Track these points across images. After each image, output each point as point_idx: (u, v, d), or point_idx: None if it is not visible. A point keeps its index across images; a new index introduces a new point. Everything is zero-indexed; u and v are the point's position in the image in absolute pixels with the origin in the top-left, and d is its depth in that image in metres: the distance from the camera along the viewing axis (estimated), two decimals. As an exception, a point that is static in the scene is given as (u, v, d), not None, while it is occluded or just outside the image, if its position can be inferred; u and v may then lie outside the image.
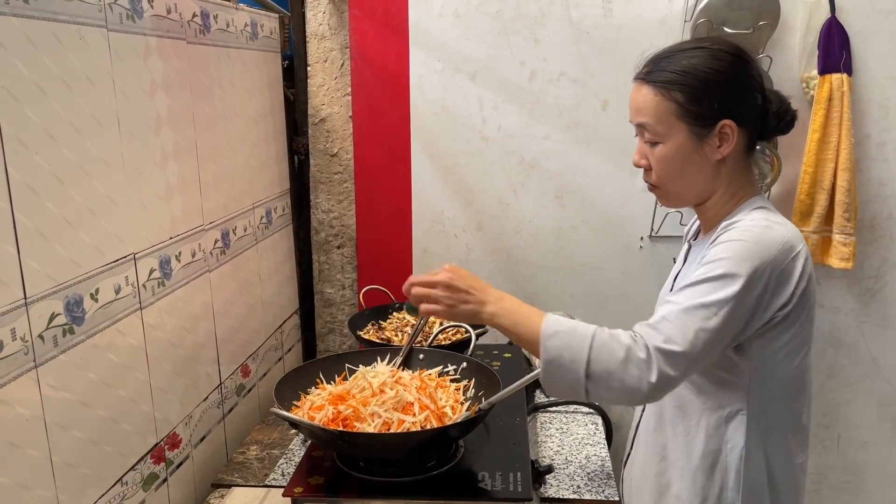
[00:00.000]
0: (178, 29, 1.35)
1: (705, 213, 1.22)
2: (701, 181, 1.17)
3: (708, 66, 1.11)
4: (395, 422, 1.23)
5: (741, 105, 1.12)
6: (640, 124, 1.16)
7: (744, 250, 1.05)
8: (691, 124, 1.12)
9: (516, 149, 1.97)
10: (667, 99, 1.12)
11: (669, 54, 1.15)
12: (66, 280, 1.02)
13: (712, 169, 1.15)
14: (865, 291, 1.94)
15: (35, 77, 0.95)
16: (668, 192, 1.20)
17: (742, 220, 1.12)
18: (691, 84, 1.11)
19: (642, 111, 1.15)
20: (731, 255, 1.05)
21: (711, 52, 1.13)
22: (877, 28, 1.79)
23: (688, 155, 1.14)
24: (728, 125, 1.11)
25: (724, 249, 1.07)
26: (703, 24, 1.73)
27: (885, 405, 2.00)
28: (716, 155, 1.13)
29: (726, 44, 1.15)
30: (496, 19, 1.90)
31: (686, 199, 1.21)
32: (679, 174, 1.16)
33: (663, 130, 1.13)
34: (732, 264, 1.05)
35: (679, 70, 1.12)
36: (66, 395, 1.02)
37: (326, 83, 2.02)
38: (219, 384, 1.54)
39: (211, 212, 1.49)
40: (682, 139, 1.13)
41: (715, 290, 1.04)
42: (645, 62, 1.18)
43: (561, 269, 2.03)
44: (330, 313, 2.17)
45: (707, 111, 1.11)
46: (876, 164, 1.87)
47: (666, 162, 1.15)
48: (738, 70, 1.12)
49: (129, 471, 1.19)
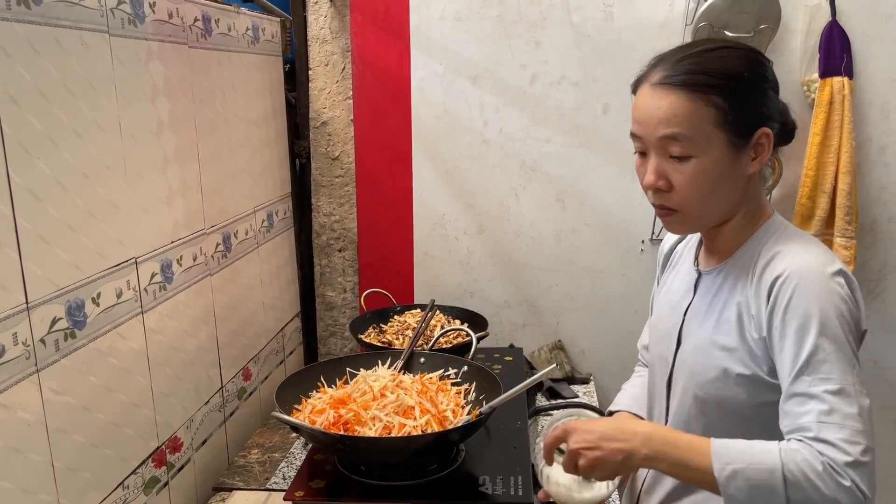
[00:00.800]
0: (179, 33, 1.35)
1: (719, 236, 1.09)
2: (731, 200, 1.05)
3: (744, 66, 1.01)
4: (396, 426, 1.23)
5: (773, 111, 1.04)
6: (668, 136, 1.00)
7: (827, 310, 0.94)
8: (731, 133, 1.00)
9: (517, 152, 1.97)
10: (707, 105, 0.99)
11: (695, 55, 1.03)
12: (68, 284, 1.02)
13: (743, 186, 1.04)
14: (866, 294, 1.94)
15: (37, 82, 0.95)
16: (691, 216, 1.05)
17: (783, 251, 1.00)
18: (734, 88, 0.99)
19: (671, 121, 1.00)
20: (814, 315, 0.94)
21: (741, 52, 1.03)
22: (877, 31, 1.79)
23: (725, 170, 1.01)
24: (765, 134, 1.01)
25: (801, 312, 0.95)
26: (704, 27, 1.73)
27: (886, 408, 1.99)
28: (750, 168, 1.03)
29: (744, 44, 1.06)
30: (497, 23, 1.91)
31: (709, 222, 1.08)
32: (710, 193, 1.02)
33: (700, 141, 0.99)
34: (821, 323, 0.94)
35: (716, 71, 1.00)
36: (68, 399, 1.02)
37: (328, 87, 2.03)
38: (220, 388, 1.54)
39: (212, 215, 1.50)
40: (719, 151, 1.00)
41: (836, 368, 0.93)
42: (658, 65, 1.05)
43: (562, 273, 2.03)
44: (331, 316, 2.17)
45: (749, 118, 1.00)
46: (877, 168, 1.87)
47: (701, 179, 1.01)
48: (768, 71, 1.04)
49: (130, 475, 1.19)
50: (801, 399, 0.94)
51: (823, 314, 0.94)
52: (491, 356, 1.84)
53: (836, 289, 0.96)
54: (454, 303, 1.97)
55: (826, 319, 0.94)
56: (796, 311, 0.95)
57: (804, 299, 0.95)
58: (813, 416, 0.92)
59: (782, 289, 0.97)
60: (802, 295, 0.95)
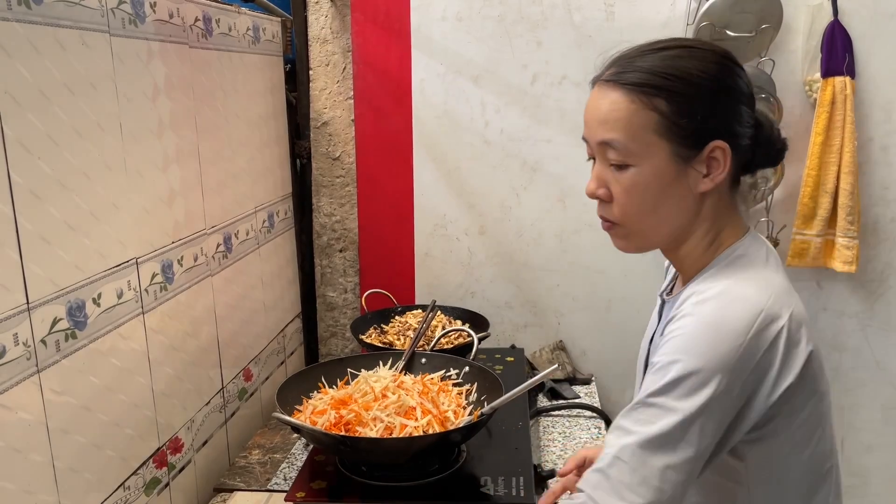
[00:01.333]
0: (180, 33, 1.35)
1: (680, 261, 0.99)
2: (677, 219, 0.93)
3: (700, 69, 0.89)
4: (398, 426, 1.23)
5: (737, 123, 0.91)
6: (606, 141, 0.91)
7: (700, 345, 0.83)
8: (675, 143, 0.88)
9: (518, 152, 1.97)
10: (646, 107, 0.88)
11: (646, 52, 0.92)
12: (69, 285, 1.02)
13: (693, 204, 0.92)
14: (869, 295, 1.94)
15: (38, 82, 0.95)
16: (632, 232, 0.96)
17: (705, 289, 0.88)
18: (681, 90, 0.88)
19: (609, 123, 0.91)
20: (686, 355, 0.83)
21: (703, 54, 0.91)
22: (880, 31, 1.79)
23: (667, 183, 0.90)
24: (720, 147, 0.89)
25: (676, 346, 0.85)
26: (706, 27, 1.73)
27: (889, 408, 1.99)
28: (701, 185, 0.91)
29: (715, 46, 0.94)
30: (498, 22, 1.90)
31: (653, 241, 0.98)
32: (651, 209, 0.92)
33: (638, 149, 0.89)
34: (690, 366, 0.82)
35: (663, 72, 0.88)
36: (69, 399, 1.02)
37: (328, 87, 2.02)
38: (221, 388, 1.54)
39: (213, 216, 1.49)
40: (661, 161, 0.89)
41: (672, 410, 0.83)
42: (615, 62, 0.95)
43: (563, 273, 2.02)
44: (332, 317, 2.17)
45: (697, 126, 0.88)
46: (879, 168, 1.86)
47: (638, 191, 0.91)
48: (733, 79, 0.91)
49: (131, 475, 1.19)
50: (617, 433, 0.89)
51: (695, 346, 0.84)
52: (492, 357, 1.84)
53: (737, 322, 0.83)
54: (455, 303, 1.97)
55: (697, 354, 0.83)
56: (671, 339, 0.86)
57: (684, 323, 0.86)
58: (609, 452, 0.87)
59: (680, 312, 0.89)
60: (685, 325, 0.86)
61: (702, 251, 0.96)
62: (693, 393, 0.82)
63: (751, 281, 0.89)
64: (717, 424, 0.84)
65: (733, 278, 0.89)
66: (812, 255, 1.84)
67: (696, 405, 0.82)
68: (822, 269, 1.88)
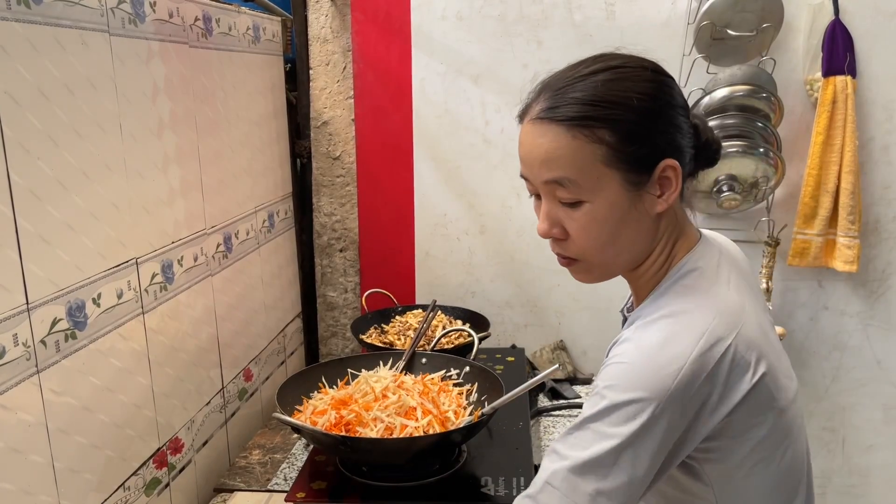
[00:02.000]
0: (180, 33, 1.35)
1: (638, 280, 0.96)
2: (637, 244, 0.91)
3: (636, 90, 0.85)
4: (398, 427, 1.23)
5: (679, 136, 0.88)
6: (552, 180, 0.87)
7: (637, 373, 0.81)
8: (625, 170, 0.85)
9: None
10: (591, 141, 0.84)
11: (574, 80, 0.88)
12: (69, 285, 1.01)
13: (651, 225, 0.90)
14: (870, 294, 1.94)
15: (38, 82, 0.95)
16: (594, 265, 0.93)
17: (649, 314, 0.87)
18: (621, 117, 0.84)
19: (552, 162, 0.86)
20: (623, 382, 0.81)
21: (633, 73, 0.87)
22: (881, 30, 1.78)
23: (623, 212, 0.87)
24: (670, 166, 0.86)
25: (614, 373, 0.83)
26: (707, 26, 1.73)
27: (890, 408, 1.99)
28: (657, 206, 0.88)
29: (642, 60, 0.90)
30: (499, 22, 1.90)
31: (615, 270, 0.95)
32: (610, 240, 0.89)
33: (588, 184, 0.85)
34: (626, 394, 0.81)
35: (600, 100, 0.85)
36: (69, 400, 1.02)
37: (329, 86, 2.02)
38: (221, 388, 1.54)
39: (213, 216, 1.49)
40: (614, 192, 0.86)
41: (605, 436, 0.81)
42: (541, 93, 0.90)
43: (564, 273, 1.99)
44: (332, 317, 2.16)
45: (646, 151, 0.86)
46: (880, 167, 1.86)
47: (596, 226, 0.88)
48: (668, 93, 0.88)
49: (131, 476, 1.19)
50: (549, 457, 0.86)
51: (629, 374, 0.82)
52: (493, 356, 1.84)
53: (677, 345, 0.81)
54: (456, 303, 1.97)
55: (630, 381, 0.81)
56: (608, 366, 0.85)
57: (623, 349, 0.85)
58: (540, 478, 0.85)
59: (622, 339, 0.87)
60: (624, 351, 0.84)
61: (655, 270, 0.94)
62: (628, 420, 0.80)
63: (696, 301, 0.86)
64: (653, 451, 0.81)
65: (678, 300, 0.87)
66: (813, 254, 1.84)
67: (629, 431, 0.80)
68: (823, 268, 1.87)
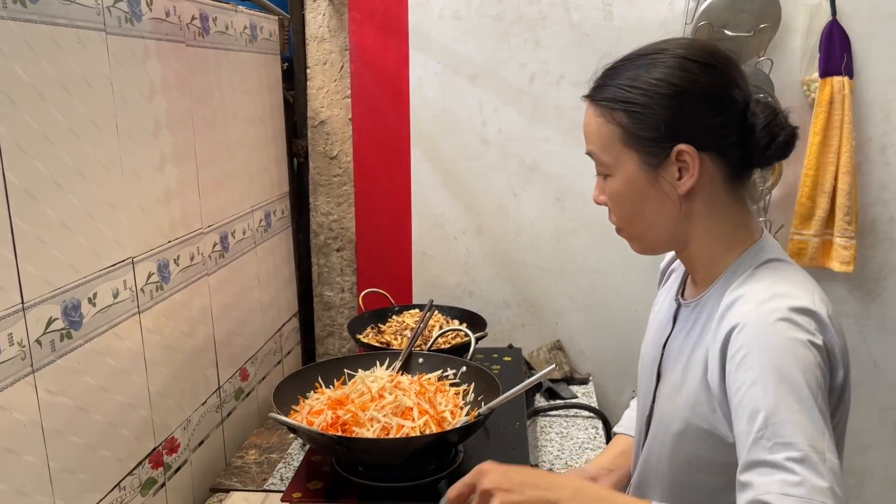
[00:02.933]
0: (176, 32, 1.34)
1: (691, 264, 1.01)
2: (664, 222, 0.96)
3: (653, 76, 0.90)
4: (395, 427, 1.23)
5: (700, 124, 0.91)
6: (588, 153, 0.99)
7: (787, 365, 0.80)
8: (642, 151, 0.92)
9: (516, 152, 1.96)
10: (609, 122, 0.93)
11: (618, 65, 0.96)
12: (64, 285, 1.01)
13: (676, 207, 0.94)
14: (866, 295, 1.94)
15: (33, 81, 0.94)
16: (632, 236, 1.02)
17: (746, 294, 0.89)
18: (636, 101, 0.91)
19: (588, 137, 0.98)
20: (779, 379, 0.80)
21: (662, 60, 0.92)
22: (878, 31, 1.79)
23: (641, 190, 0.94)
24: (686, 151, 0.90)
25: (761, 372, 0.81)
26: (704, 26, 1.73)
27: (886, 409, 1.99)
28: (676, 189, 0.93)
29: (686, 46, 0.93)
30: (496, 21, 1.90)
31: (656, 244, 1.01)
32: (634, 213, 0.97)
33: (610, 160, 0.95)
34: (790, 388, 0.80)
35: (623, 84, 0.92)
36: (64, 400, 1.02)
37: (326, 85, 2.02)
38: (217, 388, 1.53)
39: (210, 215, 1.49)
40: (631, 170, 0.93)
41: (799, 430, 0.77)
42: (599, 75, 0.99)
43: (561, 273, 2.02)
44: (329, 316, 2.16)
45: (660, 135, 0.90)
46: (877, 168, 1.86)
47: (619, 199, 0.97)
48: (694, 79, 0.90)
49: (127, 476, 1.18)
50: (761, 470, 0.78)
51: (782, 369, 0.81)
52: (490, 356, 1.84)
53: (799, 337, 0.82)
54: (453, 303, 1.96)
55: (786, 375, 0.80)
56: (751, 368, 0.83)
57: (759, 353, 0.83)
58: (776, 488, 0.76)
59: (736, 340, 0.86)
60: (757, 348, 0.83)
61: (712, 254, 0.96)
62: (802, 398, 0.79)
63: (794, 283, 0.89)
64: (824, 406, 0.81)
65: (777, 283, 0.89)
66: (810, 255, 1.84)
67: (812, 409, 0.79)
68: (820, 268, 1.87)
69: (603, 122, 0.94)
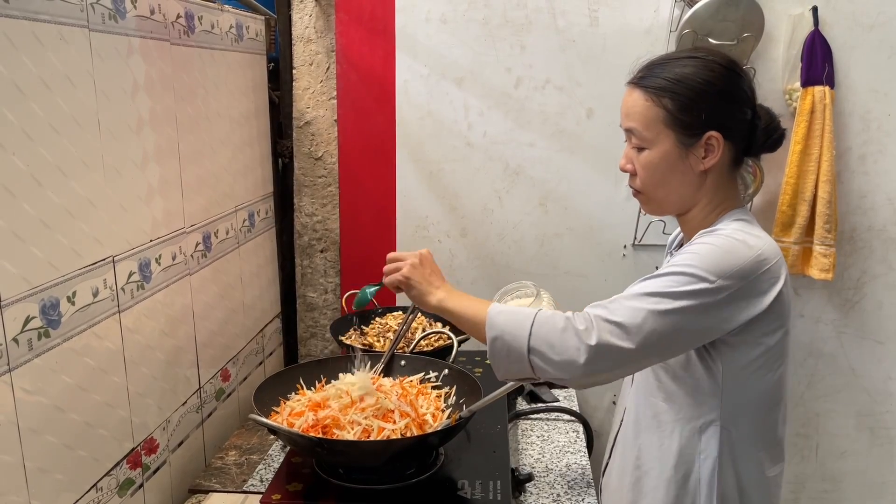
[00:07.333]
0: (161, 30, 1.33)
1: (687, 223, 1.22)
2: (684, 190, 1.17)
3: (700, 76, 1.12)
4: (375, 429, 1.22)
5: (729, 118, 1.13)
6: (629, 129, 1.16)
7: (712, 254, 1.06)
8: (678, 133, 1.12)
9: (501, 155, 1.97)
10: (656, 105, 1.12)
11: (664, 61, 1.16)
12: (43, 283, 1.00)
13: (696, 179, 1.16)
14: (845, 302, 1.96)
15: (13, 76, 0.93)
16: (651, 199, 1.21)
17: (718, 229, 1.12)
18: (682, 92, 1.11)
19: (632, 115, 1.15)
20: (698, 258, 1.05)
21: (705, 63, 1.13)
22: (859, 41, 1.81)
23: (672, 163, 1.14)
24: (714, 137, 1.11)
25: (692, 252, 1.07)
26: (689, 34, 1.74)
27: (863, 415, 2.01)
28: (700, 165, 1.14)
29: (720, 56, 1.15)
30: (483, 26, 1.90)
31: (668, 207, 1.22)
32: (662, 182, 1.17)
33: (650, 136, 1.14)
34: (698, 265, 1.04)
35: (671, 77, 1.12)
36: (41, 399, 1.01)
37: (312, 86, 2.01)
38: (198, 388, 1.52)
39: (192, 214, 1.48)
40: (668, 147, 1.13)
41: (673, 285, 1.04)
42: (640, 67, 1.19)
43: (544, 276, 2.03)
44: (312, 317, 2.15)
45: (695, 121, 1.11)
46: (857, 177, 1.89)
47: (651, 168, 1.16)
48: (729, 83, 1.13)
49: (104, 476, 1.17)
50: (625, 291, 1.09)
51: (708, 254, 1.05)
52: (472, 359, 1.84)
53: (742, 249, 1.06)
54: (436, 305, 1.96)
55: (707, 259, 1.04)
56: (690, 247, 1.09)
57: (704, 239, 1.09)
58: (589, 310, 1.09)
59: (697, 239, 1.12)
60: (705, 240, 1.09)
61: (705, 216, 1.18)
62: (689, 283, 1.04)
63: (754, 230, 1.13)
64: (701, 313, 1.04)
65: (739, 226, 1.12)
66: (790, 262, 1.86)
67: (688, 289, 1.03)
68: (800, 276, 1.90)
69: (651, 105, 1.12)
